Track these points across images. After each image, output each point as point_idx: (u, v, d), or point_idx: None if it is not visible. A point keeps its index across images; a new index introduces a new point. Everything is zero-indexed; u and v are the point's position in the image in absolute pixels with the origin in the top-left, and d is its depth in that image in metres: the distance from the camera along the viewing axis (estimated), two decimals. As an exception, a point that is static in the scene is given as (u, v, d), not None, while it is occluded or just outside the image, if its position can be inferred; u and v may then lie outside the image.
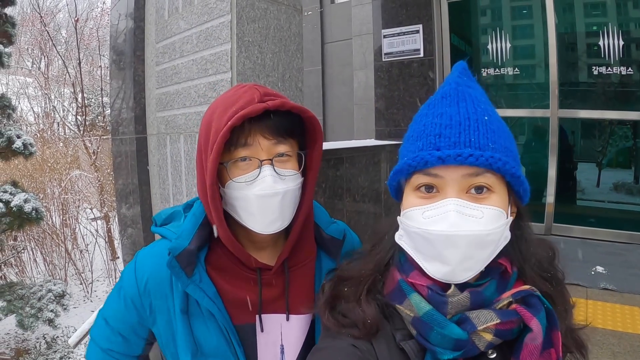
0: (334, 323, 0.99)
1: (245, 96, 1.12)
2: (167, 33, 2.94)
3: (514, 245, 0.98)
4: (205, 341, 1.21)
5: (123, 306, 1.28)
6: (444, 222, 0.86)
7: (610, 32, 5.28)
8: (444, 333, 0.86)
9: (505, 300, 0.90)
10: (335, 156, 3.51)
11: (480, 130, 0.89)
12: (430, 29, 5.94)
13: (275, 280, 1.25)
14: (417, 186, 0.92)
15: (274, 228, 1.16)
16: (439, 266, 0.88)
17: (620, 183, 5.78)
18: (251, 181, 1.12)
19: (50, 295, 4.64)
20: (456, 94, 0.95)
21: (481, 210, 0.87)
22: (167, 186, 2.97)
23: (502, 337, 0.89)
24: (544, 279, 0.99)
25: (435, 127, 0.91)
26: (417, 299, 0.92)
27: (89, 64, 15.07)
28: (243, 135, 1.11)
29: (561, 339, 0.91)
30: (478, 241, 0.86)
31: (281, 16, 2.70)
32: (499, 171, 0.88)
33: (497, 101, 6.27)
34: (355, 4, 8.77)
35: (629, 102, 5.44)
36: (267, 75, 2.59)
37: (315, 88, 11.40)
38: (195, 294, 1.17)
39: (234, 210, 1.18)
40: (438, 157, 0.87)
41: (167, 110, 2.92)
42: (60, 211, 9.31)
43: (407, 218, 0.94)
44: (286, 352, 1.26)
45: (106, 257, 8.93)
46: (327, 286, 1.06)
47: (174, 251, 1.17)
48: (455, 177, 0.88)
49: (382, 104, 6.26)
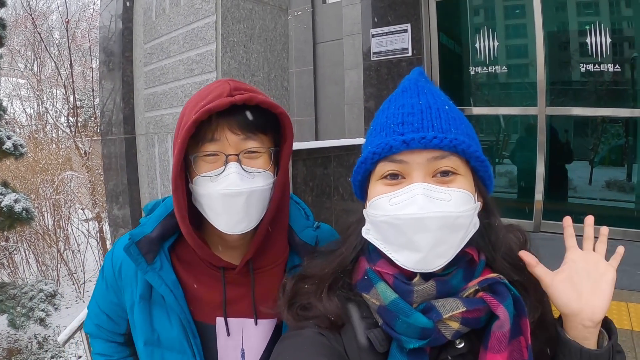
0: (294, 320, 0.98)
1: (215, 91, 1.09)
2: (154, 34, 2.96)
3: (483, 234, 0.97)
4: (163, 331, 1.20)
5: (104, 288, 1.30)
6: (412, 206, 0.84)
7: (597, 31, 5.32)
8: (409, 322, 0.85)
9: (471, 289, 0.90)
10: (323, 155, 3.52)
11: (442, 116, 0.90)
12: (419, 28, 5.98)
13: (240, 280, 1.21)
14: (383, 175, 0.91)
15: (240, 228, 1.11)
16: (409, 254, 0.86)
17: (612, 181, 5.78)
18: (215, 176, 1.08)
19: (41, 295, 4.65)
20: (416, 87, 0.96)
21: (449, 193, 0.86)
22: (155, 185, 2.98)
23: (469, 326, 0.88)
24: (515, 268, 0.97)
25: (398, 116, 0.91)
26: (383, 287, 0.91)
27: (82, 65, 15.01)
28: (210, 130, 1.08)
29: (531, 329, 0.91)
30: (449, 223, 0.85)
31: (267, 16, 2.72)
32: (463, 154, 0.88)
33: (485, 99, 6.32)
34: (346, 4, 8.76)
35: (616, 99, 5.48)
36: (252, 74, 2.61)
37: (307, 88, 11.37)
38: (153, 280, 1.15)
39: (201, 207, 1.14)
40: (402, 140, 0.86)
41: (155, 110, 2.94)
42: (53, 212, 9.29)
43: (373, 208, 0.92)
44: (247, 356, 1.22)
45: (98, 258, 8.92)
46: (288, 284, 1.05)
47: (134, 237, 1.16)
48: (420, 162, 0.87)
49: (371, 103, 6.29)
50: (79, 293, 8.33)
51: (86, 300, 7.95)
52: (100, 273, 1.33)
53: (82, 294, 8.29)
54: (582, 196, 5.97)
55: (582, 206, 5.97)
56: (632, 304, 3.65)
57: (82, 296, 8.26)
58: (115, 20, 3.33)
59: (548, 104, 5.64)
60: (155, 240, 1.17)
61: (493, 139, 6.43)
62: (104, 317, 1.35)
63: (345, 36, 8.84)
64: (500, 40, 5.94)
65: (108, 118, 3.55)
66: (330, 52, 10.68)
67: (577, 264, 0.93)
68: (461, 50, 6.31)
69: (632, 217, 5.45)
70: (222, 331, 1.21)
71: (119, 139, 3.33)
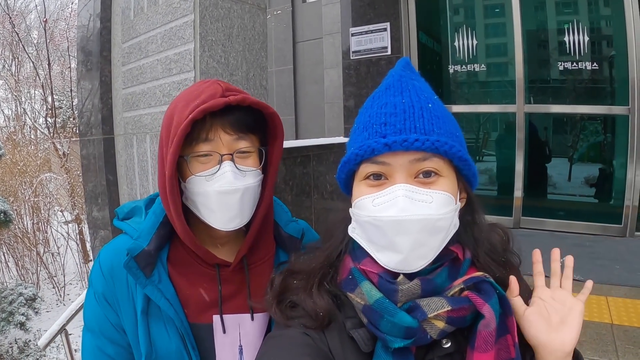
0: (282, 316, 0.99)
1: (207, 91, 1.12)
2: (132, 33, 2.94)
3: (467, 231, 0.99)
4: (162, 344, 1.18)
5: (99, 307, 1.21)
6: (394, 208, 0.86)
7: (575, 29, 5.40)
8: (394, 321, 0.86)
9: (456, 288, 0.90)
10: (303, 154, 3.51)
11: (424, 116, 0.90)
12: (398, 26, 6.01)
13: (233, 277, 1.24)
14: (366, 175, 0.92)
15: (234, 225, 1.16)
16: (391, 255, 0.88)
17: (591, 177, 5.88)
18: (211, 176, 1.11)
19: (21, 299, 4.58)
20: (400, 85, 0.96)
21: (430, 195, 0.87)
22: (134, 186, 2.96)
23: (455, 325, 0.88)
24: (498, 264, 0.99)
25: (381, 116, 0.91)
26: (368, 286, 0.91)
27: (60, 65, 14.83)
28: (204, 130, 1.11)
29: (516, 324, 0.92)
30: (429, 226, 0.86)
31: (245, 15, 2.70)
32: (446, 155, 0.89)
33: (464, 97, 6.37)
34: (325, 3, 8.78)
35: (594, 97, 5.58)
36: (231, 74, 2.60)
37: (287, 87, 11.39)
38: (152, 294, 1.16)
39: (194, 206, 1.17)
40: (384, 143, 0.87)
41: (134, 110, 2.92)
42: (32, 214, 9.18)
43: (357, 208, 0.93)
44: (245, 352, 1.24)
45: (79, 260, 8.82)
46: (276, 279, 1.06)
47: (132, 252, 1.15)
48: (402, 163, 0.88)
49: (351, 102, 6.32)
50: (59, 296, 8.24)
51: (67, 303, 7.86)
52: (90, 297, 1.24)
53: (63, 297, 8.20)
54: (561, 192, 6.06)
55: (562, 202, 6.07)
56: (611, 297, 3.70)
57: (62, 299, 8.17)
58: (94, 20, 3.29)
59: (527, 101, 5.72)
60: (152, 252, 1.18)
61: (473, 137, 6.49)
62: (109, 350, 1.22)
63: (325, 35, 8.87)
64: (480, 39, 6.00)
65: (86, 118, 3.51)
66: (310, 51, 10.71)
67: (545, 302, 0.95)
68: (440, 49, 6.36)
69: (611, 213, 5.54)
70: (219, 329, 1.22)
71: (97, 140, 3.29)
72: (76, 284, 8.70)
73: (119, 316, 1.20)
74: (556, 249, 1.01)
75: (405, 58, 1.05)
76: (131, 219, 1.30)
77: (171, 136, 1.10)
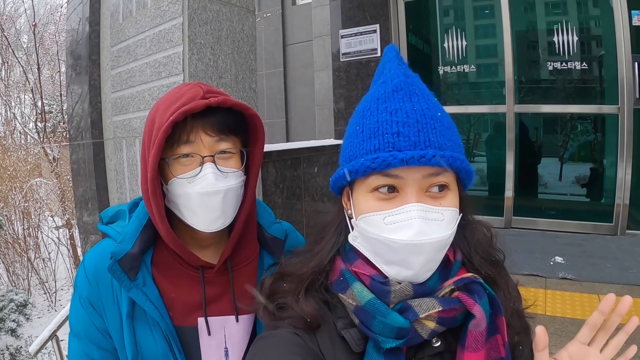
0: (271, 318, 0.98)
1: (188, 93, 1.12)
2: (121, 37, 2.93)
3: (459, 232, 0.98)
4: (147, 348, 1.18)
5: (85, 312, 1.21)
6: (409, 230, 0.84)
7: (564, 29, 5.44)
8: (386, 322, 0.86)
9: (447, 288, 0.91)
10: (293, 156, 3.51)
11: (437, 128, 0.88)
12: (387, 28, 6.04)
13: (217, 279, 1.24)
14: (375, 187, 0.89)
15: (217, 226, 1.16)
16: (400, 270, 0.88)
17: (582, 176, 5.92)
18: (193, 177, 1.12)
19: (12, 305, 4.55)
20: (407, 87, 0.93)
21: (442, 212, 0.87)
22: (124, 190, 2.95)
23: (445, 325, 0.88)
24: (488, 263, 1.00)
25: (392, 125, 0.88)
26: (360, 287, 0.91)
27: (50, 69, 14.75)
28: (185, 132, 1.11)
29: (506, 321, 0.92)
30: (441, 246, 0.87)
31: (234, 18, 2.71)
32: (458, 169, 0.89)
33: (454, 98, 6.40)
34: (315, 5, 8.78)
35: (584, 96, 5.62)
36: (219, 76, 2.60)
37: (278, 90, 11.41)
38: (137, 298, 1.16)
39: (177, 208, 1.17)
40: (401, 159, 0.84)
41: (123, 114, 2.91)
42: (22, 220, 9.12)
43: (365, 223, 0.91)
44: (230, 354, 1.24)
45: (70, 265, 8.78)
46: (266, 281, 1.05)
47: (116, 255, 1.15)
48: (416, 178, 0.86)
49: (341, 104, 6.33)
50: (50, 302, 8.18)
51: (58, 309, 7.82)
52: (75, 302, 1.24)
53: (54, 303, 8.15)
54: (552, 192, 6.09)
55: (553, 202, 6.09)
56: (603, 296, 3.67)
57: (54, 305, 8.11)
58: (83, 23, 3.28)
59: (517, 102, 5.75)
60: (137, 255, 1.17)
61: (464, 138, 6.51)
62: (96, 355, 1.22)
63: (315, 37, 8.86)
64: (469, 40, 6.03)
65: (76, 123, 3.49)
66: (300, 53, 10.73)
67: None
68: (430, 50, 6.39)
69: (601, 212, 5.58)
70: (204, 331, 1.22)
71: (87, 144, 3.28)
72: (67, 289, 8.64)
73: (105, 320, 1.20)
74: (611, 294, 0.87)
75: (392, 46, 1.03)
76: (115, 222, 1.30)
77: (152, 138, 1.10)
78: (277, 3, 11.29)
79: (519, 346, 0.97)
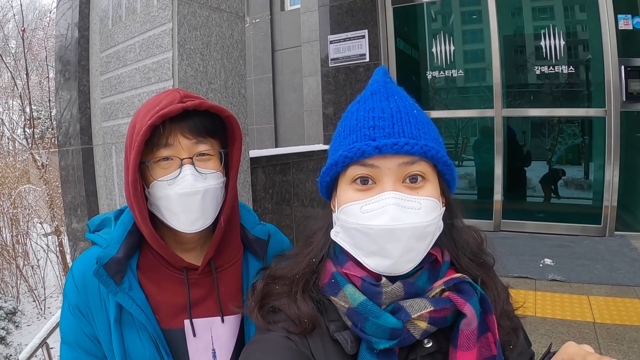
0: (263, 321, 0.99)
1: (167, 98, 1.16)
2: (111, 42, 2.92)
3: (447, 234, 1.00)
4: (135, 351, 1.19)
5: (74, 319, 1.22)
6: (384, 216, 0.86)
7: (552, 34, 5.50)
8: (379, 323, 0.87)
9: (437, 289, 0.92)
10: (282, 162, 3.51)
11: (411, 122, 0.91)
12: (376, 33, 6.07)
13: (202, 281, 1.26)
14: (354, 178, 0.92)
15: (197, 226, 1.18)
16: (380, 260, 0.89)
17: (570, 179, 6.00)
18: (172, 179, 1.14)
19: (1, 312, 4.53)
20: (385, 90, 0.97)
21: (419, 201, 0.88)
22: (114, 196, 2.94)
23: (437, 325, 0.90)
24: (477, 265, 1.01)
25: (369, 120, 0.92)
26: (352, 290, 0.92)
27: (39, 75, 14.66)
28: (164, 135, 1.14)
29: (496, 321, 0.93)
30: (418, 233, 0.87)
31: (223, 23, 2.71)
32: (433, 159, 0.91)
33: (443, 103, 6.43)
34: (304, 11, 8.79)
35: (571, 100, 5.69)
36: (209, 82, 2.60)
37: (266, 95, 11.41)
38: (124, 302, 1.17)
39: (159, 211, 1.19)
40: (375, 146, 0.88)
41: (112, 119, 2.90)
42: (11, 227, 9.05)
43: (344, 214, 0.93)
44: (218, 355, 1.25)
45: (59, 273, 8.71)
46: (258, 285, 1.06)
47: (101, 260, 1.17)
48: (391, 167, 0.89)
49: (330, 109, 6.36)
50: (40, 310, 8.11)
51: (48, 317, 7.75)
52: (65, 310, 1.26)
53: (43, 311, 8.07)
54: (541, 195, 6.14)
55: (541, 204, 6.14)
56: (592, 297, 3.76)
57: (43, 313, 8.04)
58: (72, 29, 3.27)
59: (505, 106, 5.80)
60: (122, 260, 1.19)
61: (452, 142, 6.56)
62: (84, 357, 1.24)
63: (303, 43, 8.88)
64: (457, 45, 6.08)
65: (65, 129, 3.48)
66: (289, 59, 10.74)
67: None
68: (418, 55, 6.43)
69: (589, 214, 5.65)
70: (191, 333, 1.23)
71: (75, 150, 3.26)
72: (57, 296, 8.57)
73: (93, 327, 1.21)
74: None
75: (383, 67, 1.07)
76: (102, 230, 1.31)
77: (133, 142, 1.13)
78: (265, 9, 11.29)
79: (509, 346, 0.99)
